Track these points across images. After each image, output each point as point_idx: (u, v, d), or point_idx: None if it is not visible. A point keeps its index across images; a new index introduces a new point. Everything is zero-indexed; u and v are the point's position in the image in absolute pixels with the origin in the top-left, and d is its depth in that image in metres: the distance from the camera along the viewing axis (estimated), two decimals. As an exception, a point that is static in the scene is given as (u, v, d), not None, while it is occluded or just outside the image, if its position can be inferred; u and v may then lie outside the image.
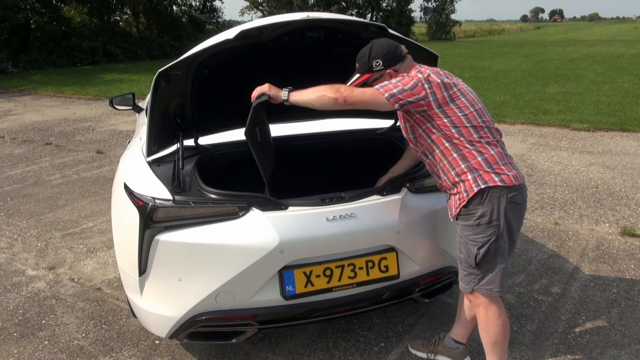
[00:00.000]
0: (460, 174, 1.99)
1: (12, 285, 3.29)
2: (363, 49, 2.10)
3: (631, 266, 3.37)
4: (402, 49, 2.08)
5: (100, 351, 2.60)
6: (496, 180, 1.94)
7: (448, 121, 1.96)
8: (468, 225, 2.01)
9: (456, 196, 2.03)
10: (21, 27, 19.45)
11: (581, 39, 36.61)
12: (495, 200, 1.95)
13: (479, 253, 1.99)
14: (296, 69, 2.61)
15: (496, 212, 1.95)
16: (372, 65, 2.05)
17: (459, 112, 1.97)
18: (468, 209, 1.99)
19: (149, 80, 11.59)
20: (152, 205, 2.07)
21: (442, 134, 1.99)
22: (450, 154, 2.00)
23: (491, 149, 1.98)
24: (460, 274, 2.13)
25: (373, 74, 2.06)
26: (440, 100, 1.95)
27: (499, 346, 2.12)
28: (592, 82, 12.09)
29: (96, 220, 4.37)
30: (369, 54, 2.05)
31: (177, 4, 30.56)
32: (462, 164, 1.98)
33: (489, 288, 2.03)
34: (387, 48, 2.05)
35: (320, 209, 2.13)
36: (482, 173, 1.95)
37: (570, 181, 5.15)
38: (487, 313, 2.08)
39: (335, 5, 37.60)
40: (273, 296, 2.11)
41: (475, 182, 1.95)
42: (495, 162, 1.97)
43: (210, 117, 2.60)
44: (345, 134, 2.99)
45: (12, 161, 6.45)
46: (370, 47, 2.07)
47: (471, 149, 1.96)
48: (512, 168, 2.00)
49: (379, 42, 2.08)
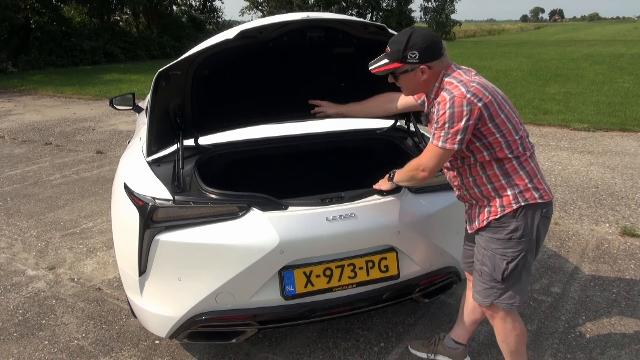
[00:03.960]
0: (498, 189, 1.88)
1: (12, 285, 3.29)
2: (400, 33, 1.88)
3: (631, 266, 3.37)
4: (443, 45, 1.87)
5: (100, 351, 2.60)
6: (536, 197, 1.85)
7: (500, 135, 1.81)
8: (497, 238, 1.90)
9: (485, 209, 1.92)
10: (21, 27, 19.44)
11: (581, 39, 36.61)
12: (530, 215, 1.86)
13: (507, 268, 1.88)
14: (296, 69, 2.61)
15: (529, 227, 1.86)
16: (407, 56, 1.82)
17: (508, 123, 1.82)
18: (499, 221, 1.89)
19: (149, 80, 11.60)
20: (152, 205, 2.07)
21: (491, 151, 1.84)
22: (491, 168, 1.87)
23: (531, 161, 1.89)
24: (477, 286, 2.03)
25: (404, 65, 1.85)
26: (494, 114, 1.80)
27: (518, 353, 2.09)
28: (592, 82, 12.09)
29: (96, 220, 4.37)
30: (406, 42, 1.82)
31: (177, 4, 30.57)
32: (502, 179, 1.86)
33: (510, 302, 1.95)
34: (429, 41, 1.83)
35: (320, 209, 2.13)
36: (523, 190, 1.85)
37: (570, 181, 5.15)
38: (505, 325, 2.03)
39: (335, 5, 37.61)
40: (273, 296, 2.11)
41: (515, 199, 1.85)
42: (535, 175, 1.87)
43: (210, 117, 2.60)
44: (345, 134, 2.98)
45: (12, 161, 6.45)
46: (409, 34, 1.84)
47: (515, 164, 1.85)
48: (544, 182, 1.92)
49: (421, 31, 1.85)
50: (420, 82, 1.90)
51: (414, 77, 1.89)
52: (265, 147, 2.82)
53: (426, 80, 1.89)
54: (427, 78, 1.88)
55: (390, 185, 2.16)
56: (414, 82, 1.91)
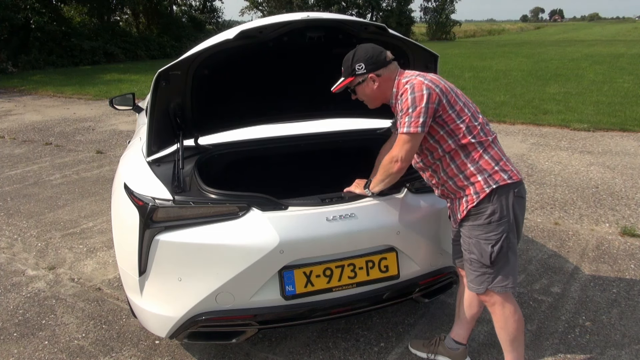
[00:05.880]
0: (469, 176, 1.99)
1: (12, 285, 3.29)
2: (348, 53, 2.09)
3: (631, 266, 3.37)
4: (387, 54, 2.06)
5: (100, 351, 2.60)
6: (505, 178, 1.96)
7: (460, 122, 1.97)
8: (478, 224, 2.00)
9: (463, 199, 2.02)
10: (21, 27, 19.44)
11: (581, 39, 36.62)
12: (504, 196, 1.96)
13: (493, 251, 1.97)
14: (296, 69, 2.61)
15: (505, 208, 1.96)
16: (355, 69, 2.04)
17: (467, 110, 1.99)
18: (477, 208, 1.98)
19: (149, 80, 11.60)
20: (152, 205, 2.07)
21: (454, 138, 1.98)
22: (458, 157, 2.00)
23: (494, 145, 2.01)
24: (470, 275, 2.10)
25: (356, 78, 2.06)
26: (452, 102, 1.97)
27: (517, 342, 2.12)
28: (592, 82, 12.09)
29: (96, 220, 4.37)
30: (352, 58, 2.05)
31: (177, 4, 30.58)
32: (470, 166, 1.98)
33: (504, 285, 2.03)
34: (371, 52, 2.04)
35: (320, 209, 2.13)
36: (492, 173, 1.96)
37: (570, 181, 5.15)
38: (504, 310, 2.07)
39: (335, 5, 37.63)
40: (273, 296, 2.11)
41: (487, 183, 1.96)
42: (500, 158, 1.99)
43: (210, 117, 2.60)
44: (345, 134, 2.99)
45: (12, 161, 6.45)
46: (354, 51, 2.06)
47: (479, 149, 1.98)
48: (511, 163, 2.02)
49: (363, 46, 2.07)
50: (375, 90, 2.08)
51: (367, 86, 2.07)
52: (265, 147, 2.82)
53: (379, 87, 2.06)
54: (379, 85, 2.06)
55: (365, 192, 2.21)
56: (369, 92, 2.09)
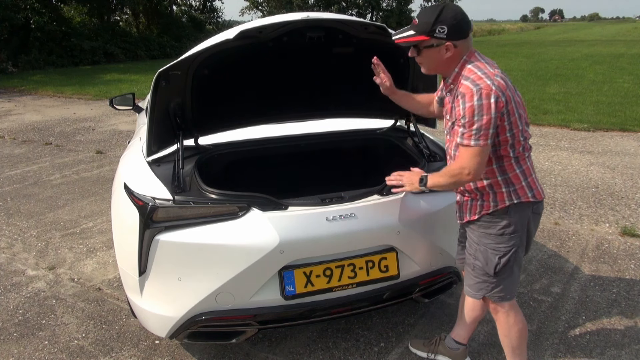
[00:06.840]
0: (494, 185, 1.89)
1: (12, 285, 3.29)
2: (430, 6, 1.82)
3: (631, 266, 3.37)
4: (471, 26, 1.83)
5: (100, 351, 2.60)
6: (529, 195, 1.89)
7: (510, 135, 1.81)
8: (490, 233, 1.94)
9: (478, 202, 1.95)
10: (21, 27, 19.43)
11: (581, 39, 36.59)
12: (522, 212, 1.90)
13: (500, 262, 1.92)
14: (296, 69, 2.61)
15: (520, 224, 1.91)
16: (436, 30, 1.76)
17: (519, 124, 1.81)
18: (492, 216, 1.92)
19: (149, 80, 11.60)
20: (152, 205, 2.07)
21: (496, 147, 1.83)
22: (490, 165, 1.87)
23: (528, 161, 1.91)
24: (469, 280, 2.07)
25: (431, 39, 1.79)
26: (510, 111, 1.78)
27: (520, 349, 2.11)
28: (592, 82, 12.08)
29: (96, 220, 4.37)
30: (437, 16, 1.76)
31: (177, 4, 30.58)
32: (499, 176, 1.88)
33: (501, 295, 2.00)
34: (460, 18, 1.77)
35: (320, 209, 2.13)
36: (517, 188, 1.88)
37: (570, 181, 5.15)
38: (508, 319, 2.06)
39: (335, 5, 37.62)
40: (273, 296, 2.11)
41: (509, 197, 1.88)
42: (529, 174, 1.91)
43: (210, 117, 2.60)
44: (345, 134, 2.98)
45: (12, 161, 6.45)
46: (440, 8, 1.77)
47: (513, 163, 1.87)
48: (537, 181, 1.95)
49: (452, 7, 1.79)
50: (443, 60, 1.83)
51: (437, 53, 1.82)
52: (265, 147, 2.82)
53: (449, 59, 1.82)
54: (450, 56, 1.82)
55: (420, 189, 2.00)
56: (436, 59, 1.84)
